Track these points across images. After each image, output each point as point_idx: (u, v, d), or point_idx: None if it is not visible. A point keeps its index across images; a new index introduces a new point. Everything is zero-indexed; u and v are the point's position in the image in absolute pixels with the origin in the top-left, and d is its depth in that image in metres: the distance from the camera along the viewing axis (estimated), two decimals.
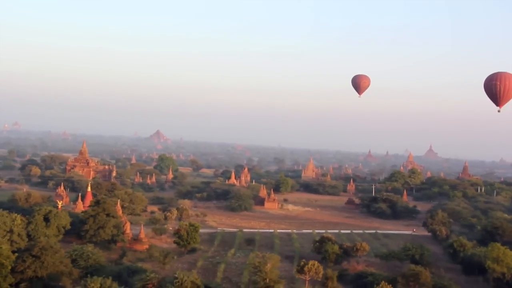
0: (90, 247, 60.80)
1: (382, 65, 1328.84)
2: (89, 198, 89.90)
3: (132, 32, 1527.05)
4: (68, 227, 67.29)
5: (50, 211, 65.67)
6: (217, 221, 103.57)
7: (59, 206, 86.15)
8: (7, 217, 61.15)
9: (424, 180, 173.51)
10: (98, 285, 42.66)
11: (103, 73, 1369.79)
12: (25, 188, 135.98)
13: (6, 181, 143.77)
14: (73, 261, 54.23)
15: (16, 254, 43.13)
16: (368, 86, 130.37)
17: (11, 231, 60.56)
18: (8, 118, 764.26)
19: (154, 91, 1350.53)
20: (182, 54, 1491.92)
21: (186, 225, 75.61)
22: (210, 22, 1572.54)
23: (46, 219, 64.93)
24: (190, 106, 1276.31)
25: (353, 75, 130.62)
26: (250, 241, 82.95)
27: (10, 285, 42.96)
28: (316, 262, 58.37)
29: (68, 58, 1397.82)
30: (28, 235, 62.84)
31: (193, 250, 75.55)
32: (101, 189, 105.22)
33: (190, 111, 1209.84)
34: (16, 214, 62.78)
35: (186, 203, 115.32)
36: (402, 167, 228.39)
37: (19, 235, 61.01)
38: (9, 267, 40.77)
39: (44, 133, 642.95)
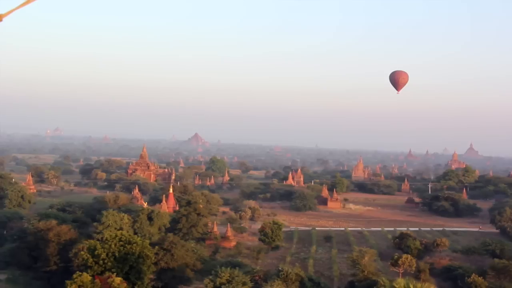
0: (192, 244, 65.82)
1: (410, 62, 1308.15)
2: (171, 200, 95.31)
3: (168, 37, 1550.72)
4: (168, 225, 72.40)
5: (152, 211, 70.96)
6: (287, 220, 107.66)
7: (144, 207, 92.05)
8: (116, 216, 66.67)
9: (477, 179, 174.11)
10: (227, 275, 47.14)
11: (138, 79, 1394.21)
12: (94, 191, 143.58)
13: (75, 185, 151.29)
14: None
15: (157, 247, 48.02)
16: (406, 82, 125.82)
17: (121, 229, 65.94)
18: (49, 124, 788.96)
19: (189, 95, 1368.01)
20: (211, 57, 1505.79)
21: (270, 223, 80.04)
22: (237, 26, 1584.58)
23: (149, 218, 70.10)
24: (225, 109, 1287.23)
25: (390, 71, 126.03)
26: (327, 238, 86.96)
27: None
28: (409, 255, 61.95)
29: (105, 65, 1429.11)
30: (135, 233, 68.05)
31: (276, 247, 79.91)
32: (174, 191, 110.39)
33: (225, 114, 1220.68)
34: (123, 214, 68.29)
35: (251, 203, 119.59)
36: (453, 166, 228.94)
37: (127, 232, 66.40)
38: (153, 258, 45.68)
39: (85, 138, 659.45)
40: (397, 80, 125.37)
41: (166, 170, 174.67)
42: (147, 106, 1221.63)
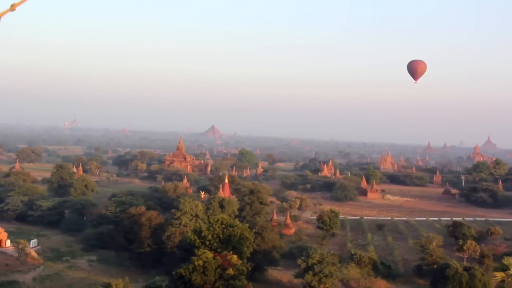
0: None
1: (427, 51, 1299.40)
2: (227, 189, 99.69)
3: (184, 30, 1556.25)
4: (237, 212, 76.57)
5: (223, 199, 75.18)
6: None
7: (202, 196, 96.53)
8: (192, 203, 70.91)
9: (507, 171, 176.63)
10: (318, 256, 51.23)
11: (153, 71, 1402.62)
12: (137, 181, 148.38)
13: (117, 175, 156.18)
14: None
15: (254, 230, 52.24)
16: (424, 71, 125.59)
17: (196, 216, 70.37)
18: (67, 117, 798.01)
19: (204, 87, 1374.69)
20: (225, 51, 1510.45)
21: (328, 211, 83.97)
22: (251, 18, 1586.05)
23: (221, 206, 74.35)
24: (239, 101, 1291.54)
25: (407, 61, 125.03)
26: (379, 226, 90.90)
27: None
28: (473, 241, 65.72)
29: (120, 57, 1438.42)
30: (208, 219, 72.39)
31: (333, 234, 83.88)
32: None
33: (240, 106, 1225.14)
34: (198, 201, 72.57)
35: (293, 194, 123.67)
36: (478, 158, 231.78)
37: (202, 219, 70.71)
38: (252, 240, 49.91)
39: (103, 130, 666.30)
40: (415, 69, 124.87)
41: (202, 161, 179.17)
42: (161, 99, 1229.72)
